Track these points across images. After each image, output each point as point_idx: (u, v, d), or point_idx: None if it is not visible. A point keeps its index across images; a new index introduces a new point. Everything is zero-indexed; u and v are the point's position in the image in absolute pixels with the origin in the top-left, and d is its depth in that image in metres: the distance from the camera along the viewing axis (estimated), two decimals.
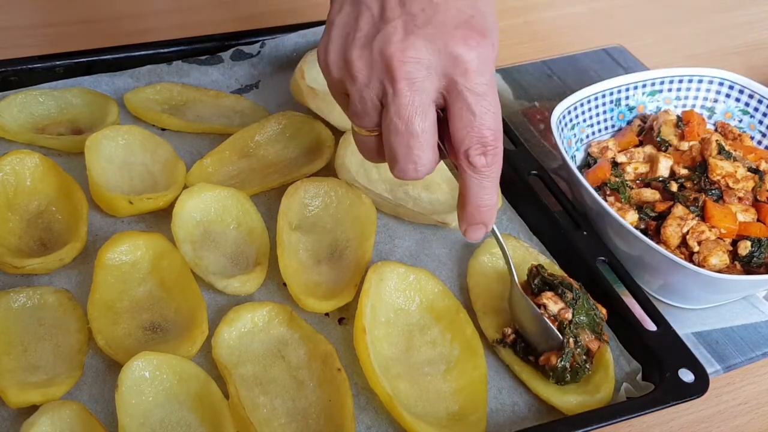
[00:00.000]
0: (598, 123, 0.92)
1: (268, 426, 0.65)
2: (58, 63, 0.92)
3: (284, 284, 0.74)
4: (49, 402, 0.62)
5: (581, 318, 0.70)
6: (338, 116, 0.87)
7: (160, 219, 0.79)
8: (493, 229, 0.67)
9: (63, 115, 0.89)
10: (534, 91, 1.06)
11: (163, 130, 0.90)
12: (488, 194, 0.62)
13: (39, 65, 0.91)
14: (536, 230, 0.82)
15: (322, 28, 0.98)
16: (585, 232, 0.79)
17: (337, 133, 0.88)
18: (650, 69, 1.09)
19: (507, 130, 0.90)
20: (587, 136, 0.91)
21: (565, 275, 0.75)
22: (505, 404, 0.69)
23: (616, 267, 0.77)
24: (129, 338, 0.70)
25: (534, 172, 0.85)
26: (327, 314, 0.74)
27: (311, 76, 0.91)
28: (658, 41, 1.19)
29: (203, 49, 0.97)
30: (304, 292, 0.73)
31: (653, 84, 0.92)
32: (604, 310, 0.72)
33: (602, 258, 0.77)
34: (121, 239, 0.74)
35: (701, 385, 0.67)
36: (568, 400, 0.68)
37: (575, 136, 0.89)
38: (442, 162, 0.63)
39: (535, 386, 0.69)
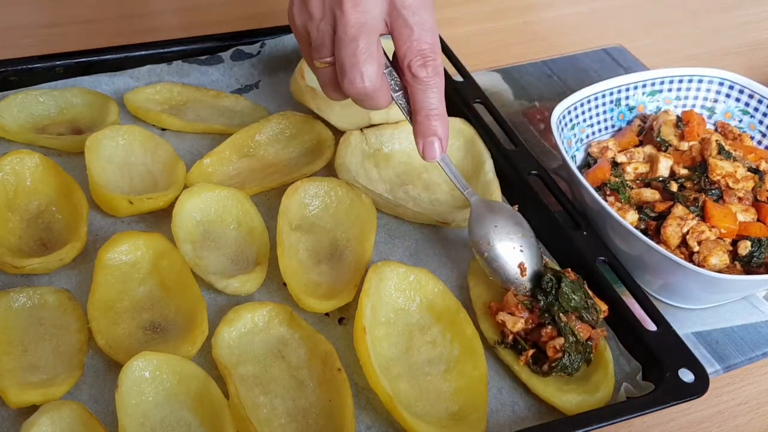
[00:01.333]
0: (598, 123, 0.92)
1: (269, 426, 0.65)
2: (58, 63, 0.92)
3: (284, 284, 0.74)
4: (49, 402, 0.62)
5: (571, 298, 0.71)
6: (338, 116, 0.87)
7: (160, 219, 0.79)
8: (443, 158, 0.72)
9: (63, 115, 0.89)
10: (534, 91, 1.06)
11: (163, 130, 0.90)
12: (435, 101, 0.70)
13: (39, 65, 0.91)
14: (536, 230, 0.82)
15: None
16: (585, 232, 0.79)
17: (337, 133, 0.88)
18: (650, 69, 1.09)
19: (507, 130, 0.90)
20: (587, 136, 0.91)
21: (568, 270, 0.74)
22: (505, 404, 0.69)
23: (616, 267, 0.77)
24: (129, 338, 0.70)
25: (534, 172, 0.85)
26: (327, 314, 0.74)
27: (311, 76, 0.91)
28: (658, 41, 1.19)
29: (203, 49, 0.97)
30: (304, 292, 0.73)
31: (653, 84, 0.92)
32: (604, 306, 0.72)
33: (602, 258, 0.77)
34: (121, 239, 0.74)
35: (701, 385, 0.67)
36: (567, 399, 0.68)
37: (575, 136, 0.89)
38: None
39: (535, 386, 0.69)
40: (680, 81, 0.93)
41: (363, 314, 0.68)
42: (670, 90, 0.93)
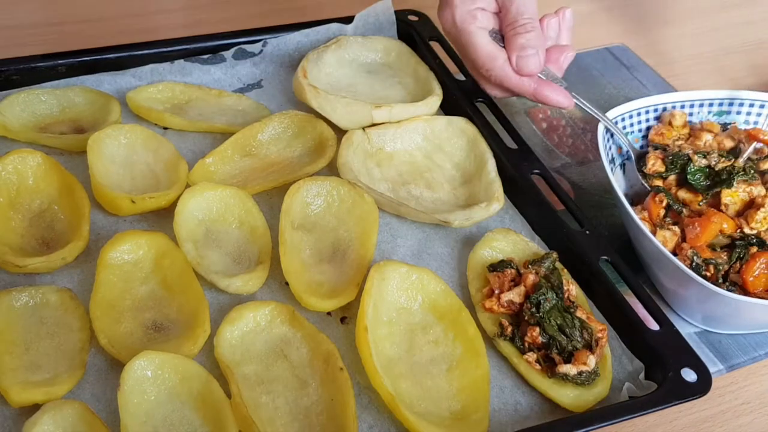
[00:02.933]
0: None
1: (271, 425, 0.65)
2: (60, 62, 0.91)
3: (286, 283, 0.74)
4: (52, 401, 0.62)
5: (549, 296, 0.71)
6: (340, 115, 0.87)
7: (162, 218, 0.79)
8: None
9: (65, 114, 0.89)
10: None
11: (166, 129, 0.90)
12: None
13: (41, 64, 0.91)
14: (539, 229, 0.82)
15: (324, 27, 0.98)
16: (588, 231, 0.79)
17: (339, 132, 0.88)
18: (652, 68, 1.09)
19: (509, 129, 0.90)
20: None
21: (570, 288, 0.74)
22: (507, 403, 0.69)
23: (619, 266, 0.76)
24: (131, 337, 0.70)
25: (536, 171, 0.85)
26: (329, 313, 0.74)
27: (313, 75, 0.91)
28: (661, 40, 1.18)
29: (205, 47, 0.97)
30: (306, 291, 0.73)
31: (720, 104, 0.90)
32: (601, 326, 0.71)
33: (605, 257, 0.77)
34: (124, 238, 0.74)
35: (704, 384, 0.67)
36: (564, 393, 0.68)
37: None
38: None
39: (533, 379, 0.69)
40: (751, 105, 0.89)
41: (365, 313, 0.68)
42: (738, 113, 0.90)
